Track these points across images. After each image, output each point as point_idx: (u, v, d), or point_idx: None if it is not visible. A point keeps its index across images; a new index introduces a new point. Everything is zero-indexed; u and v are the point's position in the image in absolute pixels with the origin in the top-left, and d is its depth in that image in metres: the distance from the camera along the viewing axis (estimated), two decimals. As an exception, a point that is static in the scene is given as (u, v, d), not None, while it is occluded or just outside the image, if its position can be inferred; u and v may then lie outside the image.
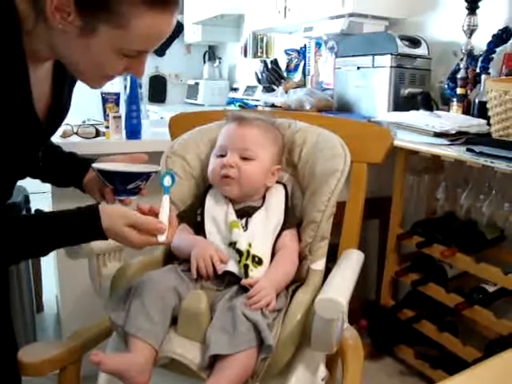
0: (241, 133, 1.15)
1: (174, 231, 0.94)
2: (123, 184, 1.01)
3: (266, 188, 1.17)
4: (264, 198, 1.16)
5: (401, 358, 2.05)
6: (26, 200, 1.91)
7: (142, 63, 0.91)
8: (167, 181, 0.98)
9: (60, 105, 1.05)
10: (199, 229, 1.13)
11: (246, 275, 1.01)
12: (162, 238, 0.91)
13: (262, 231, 1.09)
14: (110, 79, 0.93)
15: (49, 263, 2.33)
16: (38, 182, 1.21)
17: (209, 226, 1.11)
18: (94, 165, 1.03)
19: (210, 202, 1.15)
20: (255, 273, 1.02)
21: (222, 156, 1.15)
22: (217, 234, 1.10)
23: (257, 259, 1.04)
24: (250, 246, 1.04)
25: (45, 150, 1.18)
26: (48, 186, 1.73)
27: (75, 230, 0.90)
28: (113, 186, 1.01)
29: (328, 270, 1.04)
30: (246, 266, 1.02)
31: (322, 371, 1.08)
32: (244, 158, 1.13)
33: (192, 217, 1.16)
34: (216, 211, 1.13)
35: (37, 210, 0.93)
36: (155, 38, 0.86)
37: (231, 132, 1.16)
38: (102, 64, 0.86)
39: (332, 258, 1.14)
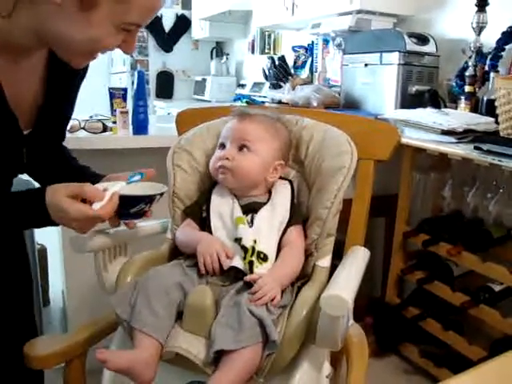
0: (240, 126, 1.15)
1: (111, 207, 0.93)
2: (126, 208, 0.99)
3: (272, 184, 1.17)
4: (270, 194, 1.16)
5: (405, 356, 2.04)
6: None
7: (134, 38, 0.90)
8: (136, 178, 1.00)
9: (55, 103, 1.02)
10: (204, 224, 1.13)
11: (251, 272, 1.01)
12: (96, 206, 0.91)
13: (267, 227, 1.09)
14: (94, 57, 0.91)
15: (55, 257, 2.34)
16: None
17: (214, 221, 1.11)
18: (98, 185, 1.00)
19: (215, 197, 1.15)
20: (260, 269, 1.01)
21: (223, 150, 1.15)
22: (222, 229, 1.09)
23: (262, 255, 1.04)
24: (255, 242, 1.04)
25: (58, 161, 1.17)
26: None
27: (20, 206, 0.90)
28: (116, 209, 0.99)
29: (334, 267, 1.04)
30: (251, 263, 1.02)
31: (327, 368, 1.08)
32: (240, 150, 1.13)
33: (197, 212, 1.16)
34: (222, 207, 1.13)
35: None
36: (152, 9, 0.87)
37: (232, 126, 1.17)
38: (99, 39, 0.84)
39: (338, 256, 1.13)
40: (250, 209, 1.11)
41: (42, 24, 0.83)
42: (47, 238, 2.37)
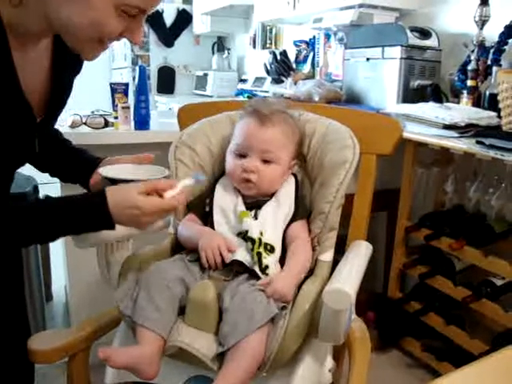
0: (262, 133, 1.11)
1: (184, 198, 0.94)
2: None
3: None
4: None
5: (407, 350, 2.05)
6: (35, 190, 1.92)
7: (139, 26, 0.88)
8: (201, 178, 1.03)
9: (61, 92, 1.03)
10: (207, 219, 1.13)
11: (260, 263, 1.01)
12: (169, 194, 0.91)
13: (272, 220, 1.09)
14: (105, 47, 0.89)
15: (57, 253, 2.34)
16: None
17: (217, 216, 1.11)
18: (101, 170, 1.01)
19: (218, 192, 1.15)
20: (269, 260, 1.02)
21: (241, 156, 1.12)
22: (225, 224, 1.09)
23: (269, 247, 1.04)
24: (261, 234, 1.04)
25: (55, 144, 1.17)
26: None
27: (80, 207, 0.88)
28: None
29: (336, 263, 1.04)
30: (260, 254, 1.02)
31: (330, 362, 1.08)
32: (264, 161, 1.11)
33: (200, 207, 1.16)
34: (225, 202, 1.13)
35: (46, 196, 0.91)
36: None
37: (251, 131, 1.12)
38: (100, 22, 0.83)
39: (340, 250, 1.13)
40: (254, 204, 1.11)
41: (50, 10, 0.82)
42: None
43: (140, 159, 1.08)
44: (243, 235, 1.05)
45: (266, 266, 1.01)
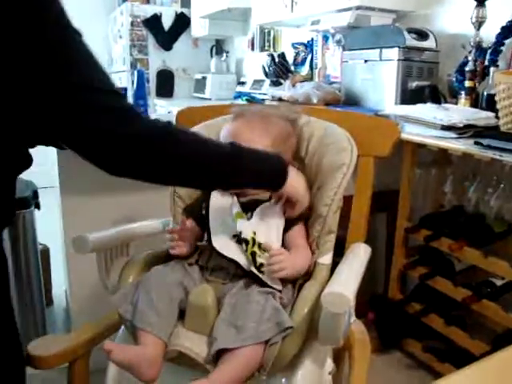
0: (232, 127, 1.15)
1: None
2: None
3: None
4: None
5: (408, 351, 2.04)
6: (35, 195, 1.92)
7: None
8: None
9: None
10: (204, 221, 1.13)
11: (255, 262, 1.01)
12: None
13: (267, 222, 1.08)
14: None
15: (57, 258, 2.35)
16: (46, 177, 1.21)
17: (213, 218, 1.11)
18: None
19: (215, 194, 1.15)
20: (263, 259, 1.02)
21: None
22: (220, 225, 1.09)
23: (263, 246, 1.04)
24: (254, 234, 1.04)
25: None
26: (56, 181, 1.74)
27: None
28: None
29: (335, 265, 1.04)
30: (254, 254, 1.02)
31: (329, 365, 1.08)
32: None
33: (197, 210, 1.16)
34: (220, 204, 1.12)
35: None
36: None
37: (226, 129, 1.17)
38: None
39: (339, 252, 1.14)
40: (250, 206, 1.11)
41: None
42: (49, 238, 2.37)
43: None
44: (238, 237, 1.05)
45: (261, 264, 1.01)
